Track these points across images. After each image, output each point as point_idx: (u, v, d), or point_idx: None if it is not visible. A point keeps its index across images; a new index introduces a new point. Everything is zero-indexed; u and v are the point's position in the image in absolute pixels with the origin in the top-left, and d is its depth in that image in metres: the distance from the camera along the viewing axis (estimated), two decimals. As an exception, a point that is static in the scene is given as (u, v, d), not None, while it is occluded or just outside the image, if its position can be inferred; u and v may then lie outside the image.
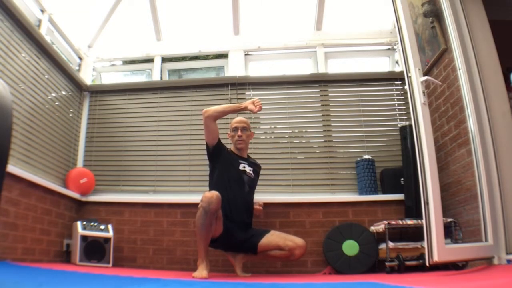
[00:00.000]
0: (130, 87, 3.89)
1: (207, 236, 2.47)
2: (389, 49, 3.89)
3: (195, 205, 2.56)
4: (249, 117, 3.54)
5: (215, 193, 2.44)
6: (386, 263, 2.64)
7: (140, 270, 2.98)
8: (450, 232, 2.59)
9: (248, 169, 2.86)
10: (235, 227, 2.67)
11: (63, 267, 2.65)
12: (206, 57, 4.32)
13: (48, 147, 3.19)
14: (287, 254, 2.65)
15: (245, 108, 2.77)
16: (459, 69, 2.54)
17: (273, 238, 2.70)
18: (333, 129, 3.60)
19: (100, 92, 3.89)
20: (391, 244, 2.72)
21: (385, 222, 2.75)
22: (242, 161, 2.86)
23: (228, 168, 2.79)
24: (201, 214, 2.41)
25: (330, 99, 3.70)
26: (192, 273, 2.44)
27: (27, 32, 2.93)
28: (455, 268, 2.44)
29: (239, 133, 2.86)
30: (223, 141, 2.87)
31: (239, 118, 3.01)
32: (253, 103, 2.74)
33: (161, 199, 3.41)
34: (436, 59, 2.92)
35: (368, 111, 3.59)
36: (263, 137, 3.63)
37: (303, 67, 4.14)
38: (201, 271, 2.40)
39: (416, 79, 2.19)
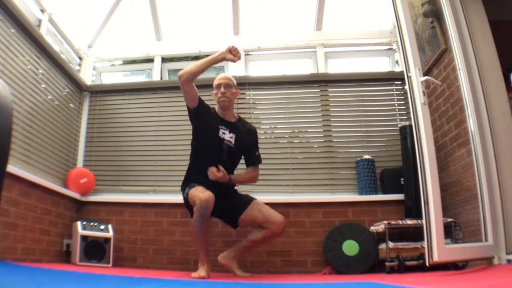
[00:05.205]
0: (130, 87, 3.89)
1: (205, 239, 2.46)
2: (389, 49, 3.89)
3: (195, 205, 2.55)
4: (249, 116, 3.56)
5: (209, 195, 2.34)
6: (386, 263, 2.64)
7: (140, 270, 2.98)
8: (450, 232, 2.59)
9: (228, 136, 2.69)
10: (215, 192, 2.46)
11: (63, 267, 2.65)
12: (206, 57, 4.30)
13: (48, 147, 3.19)
14: (268, 233, 2.55)
15: (223, 59, 2.55)
16: (459, 69, 2.54)
17: (253, 213, 2.60)
18: (333, 129, 3.60)
19: (100, 92, 3.89)
20: (391, 244, 2.72)
21: (385, 222, 2.76)
22: (222, 127, 2.70)
23: (207, 134, 2.67)
24: (197, 219, 2.34)
25: (330, 99, 3.70)
26: (192, 273, 2.44)
27: (27, 32, 2.93)
28: (455, 268, 2.44)
29: (222, 89, 2.70)
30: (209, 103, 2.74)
31: (223, 74, 2.81)
32: (229, 51, 2.51)
33: (161, 199, 3.41)
34: (436, 59, 2.92)
35: (368, 111, 3.59)
36: (263, 137, 3.63)
37: (303, 67, 4.14)
38: (200, 271, 2.39)
39: (416, 79, 2.18)
